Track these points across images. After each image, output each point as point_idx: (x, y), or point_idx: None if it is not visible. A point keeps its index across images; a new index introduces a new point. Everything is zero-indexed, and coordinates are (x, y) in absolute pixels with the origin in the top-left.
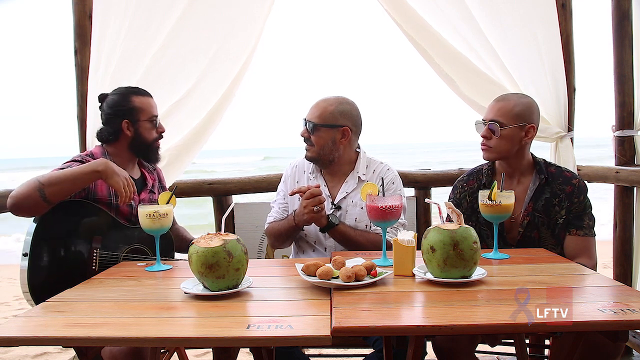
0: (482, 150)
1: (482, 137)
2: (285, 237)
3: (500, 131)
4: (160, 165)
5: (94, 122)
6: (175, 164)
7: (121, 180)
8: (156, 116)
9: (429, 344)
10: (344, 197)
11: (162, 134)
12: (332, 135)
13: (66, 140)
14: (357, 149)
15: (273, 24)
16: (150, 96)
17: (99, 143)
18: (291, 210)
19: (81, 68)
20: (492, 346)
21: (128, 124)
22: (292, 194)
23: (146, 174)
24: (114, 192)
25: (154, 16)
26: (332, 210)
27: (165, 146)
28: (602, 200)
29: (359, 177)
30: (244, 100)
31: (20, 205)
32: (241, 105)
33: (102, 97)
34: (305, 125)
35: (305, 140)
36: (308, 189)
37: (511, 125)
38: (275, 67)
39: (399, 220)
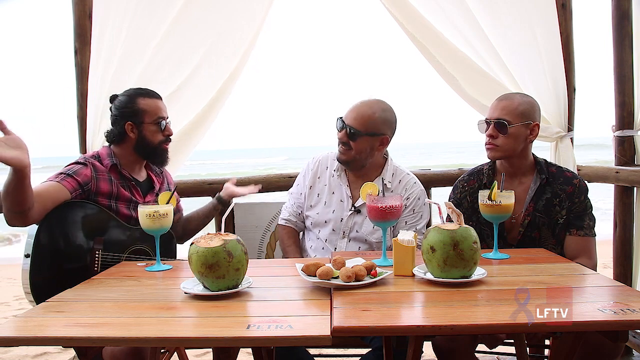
0: (488, 149)
1: (488, 136)
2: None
3: (507, 129)
4: None
5: (94, 121)
6: (171, 161)
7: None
8: (163, 118)
9: (428, 344)
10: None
11: (170, 135)
12: (372, 143)
13: (66, 140)
14: (385, 155)
15: (280, 25)
16: (159, 98)
17: (105, 143)
18: (307, 205)
19: (81, 68)
20: (490, 348)
21: (132, 126)
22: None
23: (153, 177)
24: (116, 195)
25: (154, 16)
26: (351, 212)
27: None
28: (602, 200)
29: (385, 184)
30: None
31: (9, 222)
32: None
33: (112, 98)
34: (345, 128)
35: (343, 144)
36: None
37: (517, 123)
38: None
39: (423, 231)
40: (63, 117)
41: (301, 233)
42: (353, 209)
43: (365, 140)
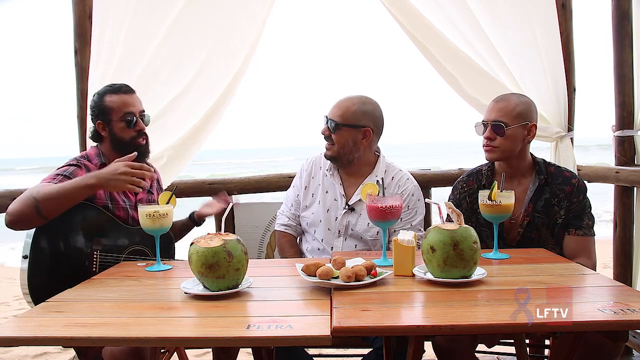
0: (486, 151)
1: (485, 138)
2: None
3: (504, 131)
4: (158, 164)
5: None
6: (174, 163)
7: (121, 179)
8: (132, 113)
9: (428, 344)
10: (359, 200)
11: (142, 130)
12: (354, 135)
13: (66, 140)
14: (377, 152)
15: (282, 25)
16: (127, 92)
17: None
18: (303, 206)
19: (81, 68)
20: (489, 347)
21: (102, 125)
22: None
23: None
24: (109, 195)
25: (154, 16)
26: (345, 211)
27: (163, 145)
28: (602, 200)
29: (377, 180)
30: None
31: (17, 222)
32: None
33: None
34: (327, 123)
35: (325, 139)
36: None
37: (514, 124)
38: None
39: (420, 229)
40: (63, 117)
41: (298, 238)
42: (347, 207)
43: (345, 132)
